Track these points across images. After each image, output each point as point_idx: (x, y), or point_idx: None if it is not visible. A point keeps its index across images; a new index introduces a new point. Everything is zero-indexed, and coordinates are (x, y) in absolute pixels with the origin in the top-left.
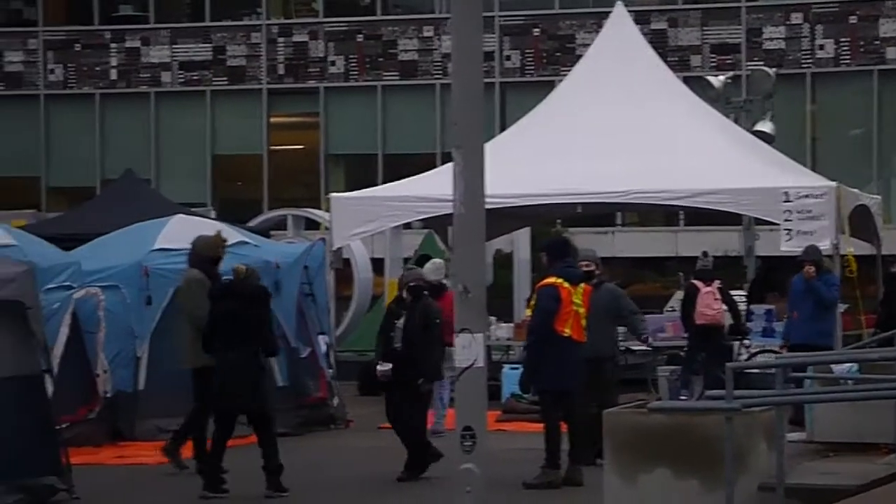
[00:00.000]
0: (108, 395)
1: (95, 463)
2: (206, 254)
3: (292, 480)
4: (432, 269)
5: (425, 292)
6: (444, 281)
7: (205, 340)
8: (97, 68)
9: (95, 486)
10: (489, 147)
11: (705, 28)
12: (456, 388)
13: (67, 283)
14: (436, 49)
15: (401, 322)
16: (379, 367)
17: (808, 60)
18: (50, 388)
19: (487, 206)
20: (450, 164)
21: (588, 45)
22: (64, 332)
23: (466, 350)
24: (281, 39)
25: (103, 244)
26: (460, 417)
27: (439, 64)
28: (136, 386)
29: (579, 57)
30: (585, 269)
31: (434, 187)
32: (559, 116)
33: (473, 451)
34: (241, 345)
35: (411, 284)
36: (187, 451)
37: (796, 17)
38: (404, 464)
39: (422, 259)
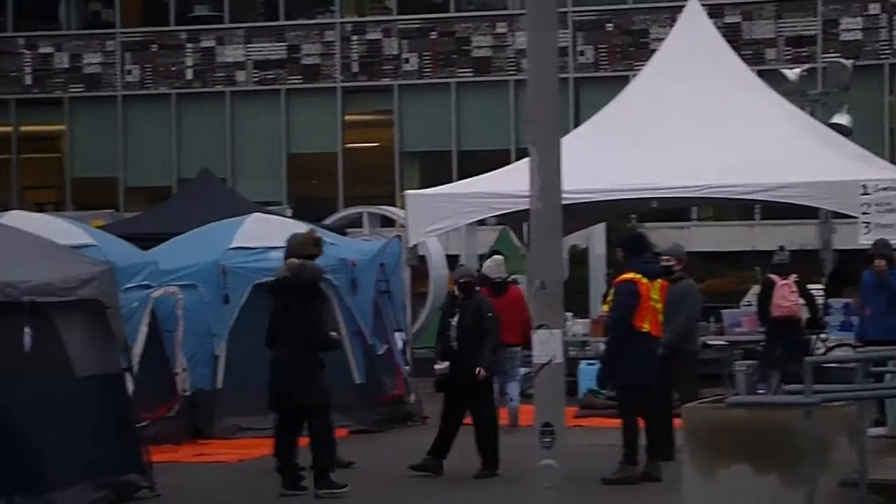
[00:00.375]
0: (187, 393)
1: (175, 461)
2: (298, 251)
3: (369, 477)
4: (493, 266)
5: (477, 288)
6: (507, 277)
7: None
8: (173, 68)
9: (175, 484)
10: (564, 143)
11: (780, 21)
12: (535, 385)
13: (146, 283)
14: (509, 45)
15: (455, 320)
16: (436, 367)
17: (886, 51)
18: (130, 386)
19: (563, 202)
20: (524, 160)
21: (662, 39)
22: (143, 331)
23: (545, 346)
24: (355, 37)
25: (181, 243)
26: (539, 413)
27: (513, 60)
28: (215, 384)
29: (653, 52)
30: (666, 263)
31: (509, 183)
32: (633, 111)
33: (553, 447)
34: (293, 340)
35: (461, 281)
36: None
37: (874, 8)
38: (481, 462)
39: (491, 255)
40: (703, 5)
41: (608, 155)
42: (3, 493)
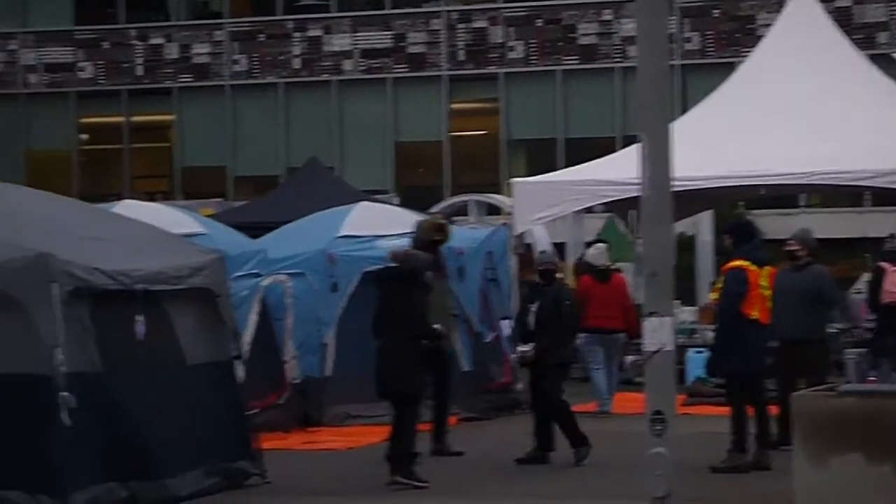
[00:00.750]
0: (297, 381)
1: (285, 448)
2: (423, 237)
3: (477, 465)
4: (596, 253)
5: (557, 275)
6: (611, 265)
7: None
8: (280, 58)
9: (286, 471)
10: (671, 130)
11: (891, 4)
12: (645, 373)
13: (255, 271)
14: (615, 33)
15: (535, 306)
16: (519, 348)
17: None
18: (241, 374)
19: (672, 189)
20: (632, 148)
21: (769, 25)
22: (253, 319)
23: (655, 334)
24: (461, 25)
25: (289, 232)
26: (650, 401)
27: (619, 48)
28: (324, 372)
29: (760, 37)
30: (788, 248)
31: (616, 171)
32: (741, 98)
33: (663, 435)
34: (395, 329)
35: (542, 268)
36: (375, 436)
37: None
38: (571, 447)
39: (595, 243)
40: None
41: (715, 142)
42: (120, 478)
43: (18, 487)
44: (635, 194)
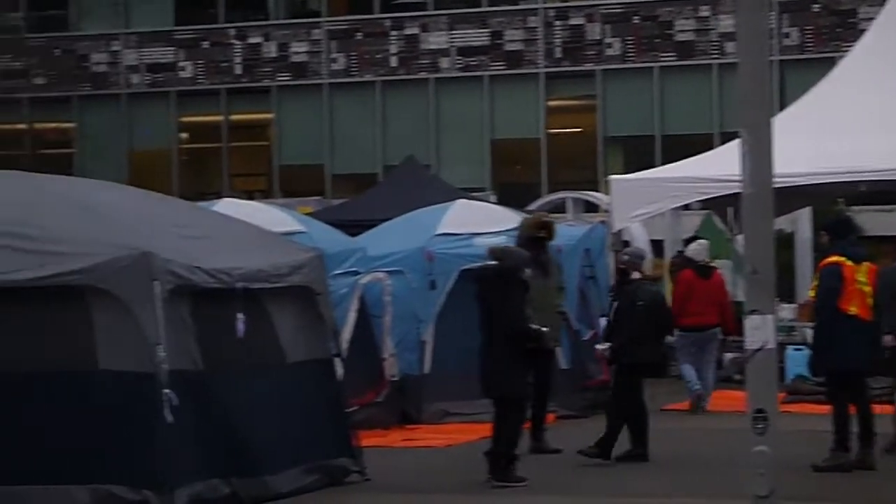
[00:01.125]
0: (395, 378)
1: (384, 445)
2: (526, 235)
3: (576, 461)
4: (698, 249)
5: (635, 274)
6: (711, 261)
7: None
8: (378, 56)
9: (385, 468)
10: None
11: None
12: (747, 371)
13: (354, 269)
14: (713, 29)
15: (616, 304)
16: (597, 346)
17: None
18: (341, 371)
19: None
20: (730, 144)
21: (871, 18)
22: (352, 316)
23: (757, 332)
24: (558, 23)
25: (387, 230)
26: (752, 400)
27: (716, 44)
28: (422, 370)
29: (861, 32)
30: None
31: (714, 168)
32: (841, 94)
33: (766, 434)
34: (492, 327)
35: (620, 267)
36: (474, 434)
37: None
38: (630, 442)
39: (690, 240)
40: None
41: (815, 138)
42: (222, 475)
43: (124, 483)
44: (735, 191)
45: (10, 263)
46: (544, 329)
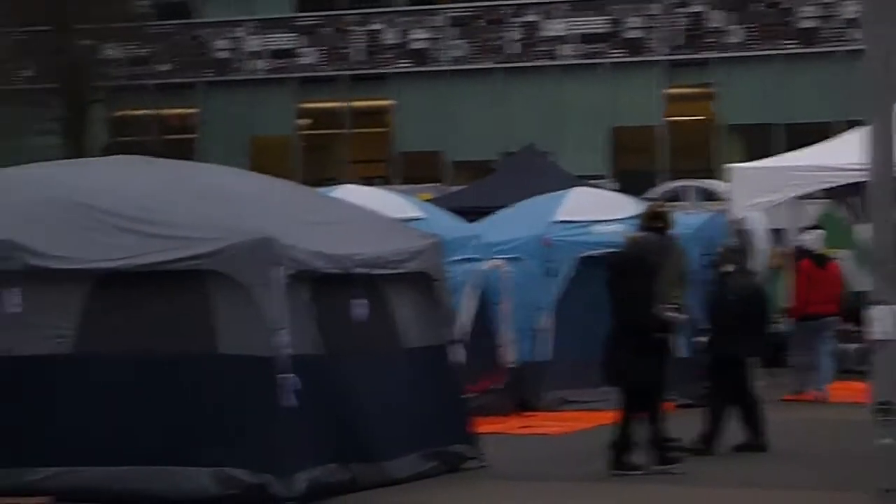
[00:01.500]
0: (513, 365)
1: (501, 432)
2: (644, 225)
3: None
4: (815, 239)
5: (728, 267)
6: (828, 252)
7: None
8: (498, 43)
9: (502, 455)
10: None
11: None
12: (871, 362)
13: (472, 256)
14: (837, 16)
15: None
16: (695, 340)
17: None
18: (461, 358)
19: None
20: (851, 133)
21: None
22: (469, 303)
23: (882, 322)
24: (678, 10)
25: (505, 217)
26: (876, 391)
27: (840, 31)
28: (541, 357)
29: None
30: None
31: (836, 156)
32: None
33: (891, 426)
34: (615, 316)
35: (713, 259)
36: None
37: None
38: (745, 433)
39: (808, 230)
40: None
41: None
42: (340, 460)
43: (245, 466)
44: (858, 180)
45: (135, 248)
46: (682, 316)
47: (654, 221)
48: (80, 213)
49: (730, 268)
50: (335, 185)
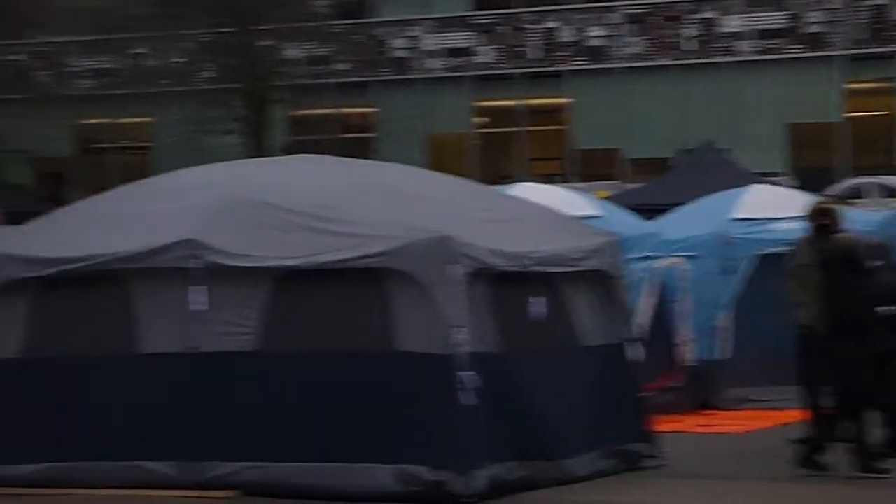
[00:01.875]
0: (692, 364)
1: (680, 431)
2: (809, 220)
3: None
4: None
5: (870, 263)
6: None
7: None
8: (674, 40)
9: (680, 454)
10: None
11: None
12: None
13: (650, 254)
14: None
15: None
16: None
17: None
18: (641, 356)
19: None
20: None
21: None
22: (648, 301)
23: None
24: (861, 3)
25: (682, 214)
26: None
27: None
28: (720, 355)
29: None
30: None
31: None
32: None
33: None
34: (828, 315)
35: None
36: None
37: None
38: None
39: None
40: None
41: None
42: (519, 458)
43: (425, 464)
44: None
45: (313, 246)
46: None
47: (820, 219)
48: (261, 212)
49: (877, 263)
50: (512, 182)
